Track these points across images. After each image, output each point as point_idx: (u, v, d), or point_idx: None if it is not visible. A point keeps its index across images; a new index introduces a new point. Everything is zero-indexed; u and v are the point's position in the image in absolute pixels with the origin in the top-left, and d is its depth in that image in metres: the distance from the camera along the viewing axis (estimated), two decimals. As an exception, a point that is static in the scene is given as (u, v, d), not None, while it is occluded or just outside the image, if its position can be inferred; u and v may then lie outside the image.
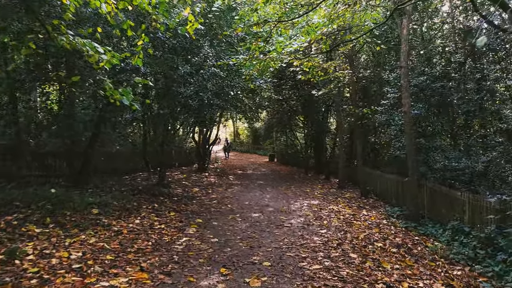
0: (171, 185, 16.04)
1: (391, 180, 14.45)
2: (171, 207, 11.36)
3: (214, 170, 23.63)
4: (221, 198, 13.73)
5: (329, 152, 26.08)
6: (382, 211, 13.08)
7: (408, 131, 10.70)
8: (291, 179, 21.98)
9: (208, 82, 11.45)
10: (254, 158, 38.62)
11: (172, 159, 22.98)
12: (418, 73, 11.77)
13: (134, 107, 6.61)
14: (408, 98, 10.70)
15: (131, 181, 15.90)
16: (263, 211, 11.54)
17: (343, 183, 19.43)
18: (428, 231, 9.73)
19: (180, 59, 11.00)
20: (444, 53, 11.76)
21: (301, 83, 22.81)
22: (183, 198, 13.12)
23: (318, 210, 12.29)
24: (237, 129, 52.78)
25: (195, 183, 17.52)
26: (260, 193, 15.61)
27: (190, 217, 10.20)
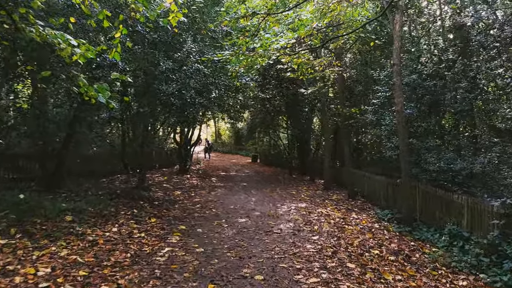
0: (152, 188, 15.29)
1: (380, 182, 14.04)
2: (152, 212, 10.64)
3: (196, 172, 22.89)
4: (205, 202, 13.06)
5: (312, 153, 25.65)
6: (372, 214, 12.64)
7: (401, 131, 10.26)
8: (276, 181, 21.43)
9: (191, 79, 10.77)
10: (237, 159, 37.96)
11: (152, 160, 22.13)
12: (409, 72, 11.36)
13: (111, 105, 5.95)
14: (401, 96, 10.26)
15: (108, 184, 15.07)
16: (250, 216, 10.93)
17: (329, 184, 18.99)
18: (423, 236, 9.29)
19: (161, 54, 10.30)
20: (435, 51, 11.37)
21: (285, 82, 22.33)
22: (165, 202, 12.41)
23: (307, 214, 11.76)
24: (218, 129, 51.99)
25: (177, 186, 16.78)
26: (245, 196, 14.99)
27: (172, 223, 9.51)
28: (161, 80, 10.17)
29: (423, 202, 10.57)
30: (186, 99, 10.67)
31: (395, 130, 11.71)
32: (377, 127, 13.96)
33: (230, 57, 9.52)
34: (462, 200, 8.55)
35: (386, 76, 12.08)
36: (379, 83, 13.37)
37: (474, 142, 10.47)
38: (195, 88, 11.00)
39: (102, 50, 7.82)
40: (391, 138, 11.90)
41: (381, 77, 12.31)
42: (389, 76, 11.98)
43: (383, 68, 14.02)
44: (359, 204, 14.92)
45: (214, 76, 11.63)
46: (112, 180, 16.47)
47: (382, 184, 13.82)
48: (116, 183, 15.61)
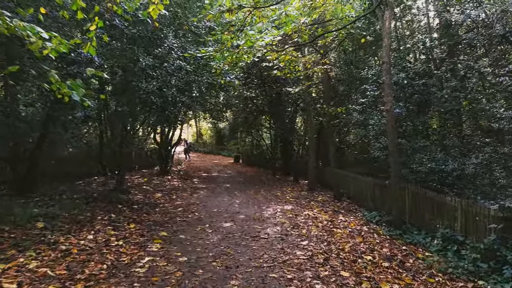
0: (131, 190, 14.66)
1: (366, 183, 13.75)
2: (131, 217, 10.06)
3: (177, 173, 22.27)
4: (187, 205, 12.52)
5: (295, 153, 25.32)
6: (360, 216, 12.33)
7: (391, 131, 9.95)
8: (259, 182, 21.00)
9: (173, 76, 10.23)
10: (218, 159, 37.40)
11: (131, 161, 21.41)
12: (398, 70, 11.08)
13: (86, 104, 5.42)
14: (390, 95, 9.94)
15: (85, 187, 14.37)
16: (234, 220, 10.46)
17: (313, 185, 18.67)
18: (415, 240, 8.99)
19: (141, 50, 9.74)
20: (424, 49, 11.14)
21: (268, 81, 21.95)
22: (145, 206, 11.82)
23: (294, 217, 11.36)
24: (200, 129, 51.30)
25: (157, 188, 16.18)
26: (229, 198, 14.51)
27: (153, 229, 8.96)
28: (140, 77, 9.60)
29: (412, 204, 10.28)
30: (167, 98, 10.12)
31: (384, 130, 11.42)
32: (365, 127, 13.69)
33: (215, 53, 9.05)
34: (455, 202, 8.27)
35: (374, 75, 11.78)
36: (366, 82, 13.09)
37: (464, 142, 10.25)
38: (176, 86, 10.46)
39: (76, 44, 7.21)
40: (379, 138, 11.61)
41: (369, 75, 12.00)
42: (377, 74, 11.69)
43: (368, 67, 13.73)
44: (345, 205, 14.63)
45: (197, 73, 11.11)
46: (89, 182, 15.76)
47: (369, 185, 13.54)
48: (93, 186, 14.92)
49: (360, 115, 12.33)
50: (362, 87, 12.58)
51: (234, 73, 10.77)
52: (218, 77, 10.36)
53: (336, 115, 14.97)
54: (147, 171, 22.09)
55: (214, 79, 11.15)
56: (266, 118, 28.12)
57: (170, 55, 9.85)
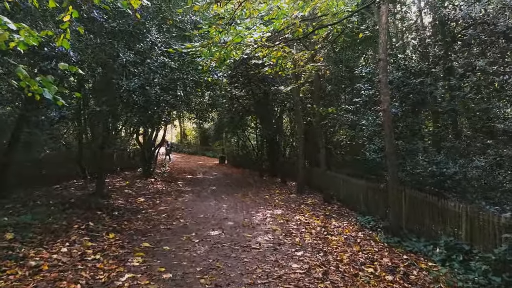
0: (112, 194, 13.89)
1: (359, 186, 13.25)
2: (111, 225, 9.31)
3: (161, 175, 21.47)
4: (171, 210, 11.81)
5: (282, 154, 24.76)
6: (353, 220, 11.81)
7: (388, 132, 9.42)
8: (246, 184, 20.37)
9: (156, 74, 9.53)
10: (203, 160, 36.64)
11: (113, 163, 20.59)
12: (393, 68, 10.59)
13: (60, 102, 4.76)
14: (387, 94, 9.43)
15: (62, 192, 13.55)
16: (222, 227, 9.81)
17: (302, 187, 18.13)
18: (415, 248, 8.46)
19: (122, 45, 9.01)
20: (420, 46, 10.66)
21: (255, 80, 21.35)
22: (126, 212, 11.08)
23: (285, 223, 10.77)
24: (184, 129, 50.39)
25: (140, 192, 15.41)
26: (216, 203, 13.84)
27: (134, 239, 8.24)
28: (121, 74, 8.88)
29: (410, 209, 9.79)
30: (149, 97, 9.41)
31: (378, 131, 10.93)
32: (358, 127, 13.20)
33: (201, 48, 8.38)
34: (459, 208, 7.77)
35: (368, 73, 11.26)
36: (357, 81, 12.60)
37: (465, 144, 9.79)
38: (160, 84, 9.75)
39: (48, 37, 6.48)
40: (373, 139, 11.10)
41: (362, 74, 11.48)
42: (371, 73, 11.19)
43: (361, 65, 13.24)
44: (336, 209, 14.12)
45: (182, 71, 10.41)
46: (67, 186, 14.92)
47: (361, 188, 13.03)
48: (72, 190, 14.09)
49: (354, 115, 11.81)
50: (355, 86, 12.05)
51: (221, 71, 10.11)
52: (204, 74, 9.70)
53: (325, 115, 14.40)
54: (129, 173, 21.26)
55: (201, 77, 10.46)
56: (252, 118, 27.55)
57: (153, 51, 9.14)
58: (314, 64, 9.59)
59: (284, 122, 26.24)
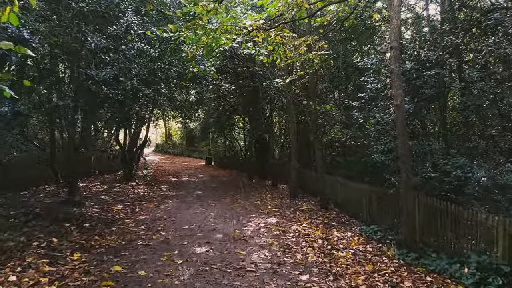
0: (86, 201, 12.42)
1: (361, 191, 12.01)
2: (78, 241, 7.87)
3: (143, 178, 19.97)
4: (152, 221, 10.40)
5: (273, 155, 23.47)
6: (357, 230, 10.57)
7: (401, 131, 8.19)
8: (235, 187, 19.01)
9: (133, 63, 8.13)
10: (189, 161, 35.15)
11: (90, 166, 19.02)
12: (405, 59, 9.38)
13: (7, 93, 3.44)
14: (400, 88, 8.20)
15: (30, 199, 12.02)
16: (210, 241, 8.46)
17: (295, 191, 16.86)
18: (438, 267, 7.22)
19: (91, 28, 7.59)
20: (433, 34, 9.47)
21: (244, 77, 20.03)
22: (99, 224, 9.64)
23: (281, 234, 9.47)
24: (169, 129, 48.75)
25: (119, 197, 13.94)
26: (202, 209, 12.47)
27: (104, 260, 6.82)
28: (89, 62, 7.46)
29: (425, 219, 8.57)
30: (125, 89, 8.00)
31: (387, 130, 9.71)
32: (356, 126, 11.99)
33: (186, 31, 7.02)
34: (494, 221, 6.56)
35: (374, 64, 10.01)
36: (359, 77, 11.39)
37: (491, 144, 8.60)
38: (138, 75, 8.35)
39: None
40: (380, 139, 9.88)
41: (368, 65, 10.24)
42: (377, 64, 9.97)
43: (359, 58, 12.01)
44: (334, 215, 12.89)
45: (163, 60, 9.01)
46: (37, 192, 13.36)
47: (363, 193, 11.80)
48: (40, 197, 12.55)
49: (359, 112, 10.56)
50: (353, 81, 10.80)
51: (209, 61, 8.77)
52: (190, 64, 8.33)
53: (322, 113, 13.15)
54: (108, 176, 19.71)
55: (186, 67, 9.07)
56: (240, 118, 26.26)
57: (129, 35, 7.73)
58: (317, 53, 8.32)
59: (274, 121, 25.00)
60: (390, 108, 9.33)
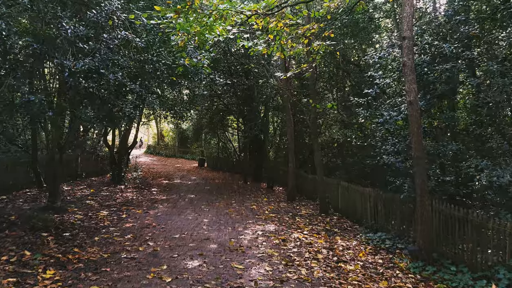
0: (69, 207, 11.50)
1: (365, 195, 11.20)
2: (54, 254, 6.97)
3: (132, 181, 19.04)
4: (140, 229, 9.51)
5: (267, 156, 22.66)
6: (362, 239, 9.74)
7: (415, 130, 7.39)
8: (229, 190, 18.17)
9: (117, 54, 7.25)
10: (181, 163, 34.19)
11: (77, 168, 18.06)
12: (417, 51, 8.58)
13: None
14: (414, 82, 7.41)
15: (7, 205, 11.08)
16: (204, 253, 7.60)
17: (293, 194, 16.06)
18: (462, 283, 6.42)
19: (68, 13, 6.71)
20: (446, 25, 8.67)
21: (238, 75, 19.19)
22: (81, 233, 8.73)
23: (281, 244, 8.64)
24: (161, 130, 47.73)
25: (105, 202, 13.02)
26: (195, 215, 11.60)
27: (81, 279, 5.92)
28: (66, 51, 6.58)
29: (440, 227, 7.79)
30: (109, 84, 7.12)
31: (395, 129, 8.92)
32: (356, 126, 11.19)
33: (175, 16, 6.16)
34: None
35: (382, 58, 9.20)
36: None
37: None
38: (123, 68, 7.46)
39: None
40: (387, 139, 9.08)
41: (375, 59, 9.44)
42: (385, 57, 9.17)
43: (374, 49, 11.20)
44: (335, 221, 12.08)
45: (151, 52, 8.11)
46: (16, 197, 12.41)
47: (367, 198, 11.01)
48: (20, 202, 11.61)
49: (365, 110, 9.74)
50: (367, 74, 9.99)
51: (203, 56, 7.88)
52: (180, 54, 7.46)
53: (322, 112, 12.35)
54: (96, 179, 18.77)
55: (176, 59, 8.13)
56: (234, 118, 25.44)
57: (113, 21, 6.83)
58: (322, 43, 7.49)
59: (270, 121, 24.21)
60: (399, 105, 8.55)
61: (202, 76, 10.49)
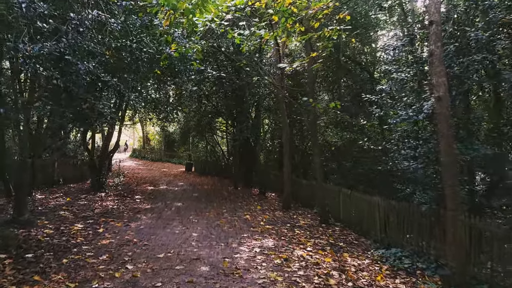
0: (39, 219, 10.11)
1: (372, 204, 10.04)
2: (7, 286, 5.62)
3: (114, 188, 17.63)
4: (118, 247, 8.16)
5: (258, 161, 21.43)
6: (374, 255, 8.55)
7: (445, 131, 6.24)
8: (219, 197, 16.89)
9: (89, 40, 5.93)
10: (168, 167, 32.77)
11: (53, 174, 16.59)
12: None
13: None
14: (443, 74, 6.28)
15: (-35, 217, 9.64)
16: (194, 278, 6.31)
17: (288, 202, 14.84)
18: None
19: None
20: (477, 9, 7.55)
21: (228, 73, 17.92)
22: (47, 252, 7.36)
23: (284, 265, 7.39)
24: (147, 134, 46.15)
25: (82, 213, 11.62)
26: (182, 228, 10.30)
27: (35, 323, 4.61)
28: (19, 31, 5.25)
29: (472, 246, 6.64)
30: (77, 75, 5.80)
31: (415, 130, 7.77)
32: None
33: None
34: None
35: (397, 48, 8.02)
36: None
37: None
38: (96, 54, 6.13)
39: None
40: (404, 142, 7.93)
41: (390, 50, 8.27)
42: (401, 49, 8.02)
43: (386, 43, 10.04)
44: (338, 233, 10.92)
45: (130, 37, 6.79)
46: (-20, 207, 10.98)
47: (375, 207, 9.85)
48: (-19, 214, 10.18)
49: (379, 109, 8.57)
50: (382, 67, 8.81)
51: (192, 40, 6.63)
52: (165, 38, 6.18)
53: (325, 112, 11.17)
54: (75, 186, 17.32)
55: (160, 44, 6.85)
56: (223, 121, 24.20)
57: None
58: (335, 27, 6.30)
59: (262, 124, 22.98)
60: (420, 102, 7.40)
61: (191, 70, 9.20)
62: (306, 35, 6.53)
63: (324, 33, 6.33)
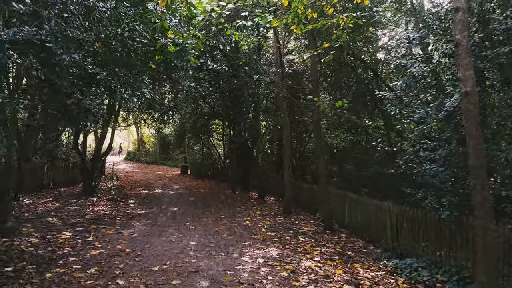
0: (25, 226, 9.38)
1: (382, 210, 9.37)
2: (-22, 307, 4.92)
3: (107, 191, 16.88)
4: (109, 257, 7.44)
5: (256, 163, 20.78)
6: (388, 265, 7.89)
7: (473, 130, 5.60)
8: (217, 201, 16.20)
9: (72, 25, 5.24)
10: (163, 170, 32.02)
11: (43, 177, 15.83)
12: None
13: None
14: (470, 67, 5.65)
15: None
16: (192, 296, 5.62)
17: (289, 206, 14.17)
18: None
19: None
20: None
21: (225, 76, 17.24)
22: (29, 265, 6.64)
23: (292, 278, 6.72)
24: (142, 136, 45.36)
25: (71, 219, 10.90)
26: (179, 236, 9.59)
27: None
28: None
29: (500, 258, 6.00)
30: (61, 66, 5.10)
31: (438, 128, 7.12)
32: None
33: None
34: None
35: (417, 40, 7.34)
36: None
37: None
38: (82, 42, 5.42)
39: None
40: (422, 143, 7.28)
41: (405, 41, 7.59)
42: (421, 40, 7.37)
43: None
44: (344, 240, 10.27)
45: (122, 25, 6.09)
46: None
47: (385, 214, 9.17)
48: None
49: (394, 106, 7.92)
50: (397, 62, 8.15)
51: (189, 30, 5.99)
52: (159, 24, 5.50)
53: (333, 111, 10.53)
54: (66, 190, 16.56)
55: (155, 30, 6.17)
56: (219, 122, 23.56)
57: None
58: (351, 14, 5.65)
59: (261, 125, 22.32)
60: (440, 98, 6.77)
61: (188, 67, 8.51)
62: (318, 23, 5.90)
63: (339, 21, 5.69)
